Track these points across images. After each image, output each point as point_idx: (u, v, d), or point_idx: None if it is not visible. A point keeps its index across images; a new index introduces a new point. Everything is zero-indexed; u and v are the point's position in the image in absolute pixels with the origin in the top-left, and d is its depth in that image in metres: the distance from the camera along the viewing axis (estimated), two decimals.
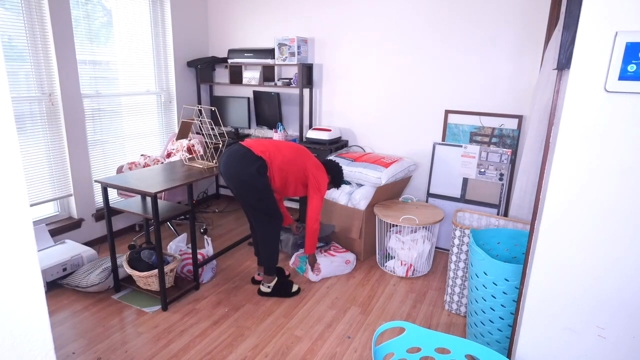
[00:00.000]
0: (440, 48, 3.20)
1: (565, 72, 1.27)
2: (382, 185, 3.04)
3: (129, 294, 2.62)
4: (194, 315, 2.41)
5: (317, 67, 3.73)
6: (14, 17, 2.62)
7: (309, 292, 2.69)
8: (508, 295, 1.84)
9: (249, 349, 2.14)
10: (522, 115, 3.03)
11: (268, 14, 3.84)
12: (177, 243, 2.86)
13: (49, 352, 0.79)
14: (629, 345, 1.29)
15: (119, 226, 3.50)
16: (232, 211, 4.16)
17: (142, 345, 2.16)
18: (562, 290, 1.33)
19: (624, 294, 1.26)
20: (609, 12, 1.11)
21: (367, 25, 3.43)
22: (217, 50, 4.20)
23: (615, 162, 1.19)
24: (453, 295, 2.46)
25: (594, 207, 1.24)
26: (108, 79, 3.32)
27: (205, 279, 2.78)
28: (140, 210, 2.46)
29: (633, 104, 1.14)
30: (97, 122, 3.27)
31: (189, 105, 4.09)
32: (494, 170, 3.10)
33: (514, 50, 2.96)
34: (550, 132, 1.32)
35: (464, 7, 3.06)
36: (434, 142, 3.32)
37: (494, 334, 1.96)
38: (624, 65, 1.11)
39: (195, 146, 3.39)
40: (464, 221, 2.53)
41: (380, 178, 2.96)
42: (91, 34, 3.14)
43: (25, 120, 2.79)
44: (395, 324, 1.56)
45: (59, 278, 2.65)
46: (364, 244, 3.10)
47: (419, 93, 3.36)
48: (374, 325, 2.36)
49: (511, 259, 2.17)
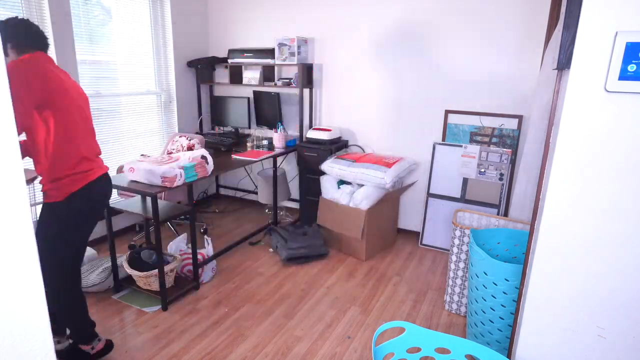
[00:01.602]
0: (441, 48, 3.20)
1: (565, 72, 1.27)
2: (389, 192, 3.05)
3: (129, 294, 2.62)
4: (194, 315, 2.41)
5: (317, 67, 3.73)
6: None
7: (309, 292, 2.69)
8: (508, 295, 1.84)
9: (249, 349, 2.14)
10: (522, 115, 3.03)
11: (268, 14, 3.84)
12: (177, 243, 2.86)
13: (49, 352, 0.79)
14: (629, 345, 1.28)
15: (119, 226, 3.50)
16: (232, 211, 4.16)
17: (142, 345, 2.16)
18: (562, 290, 1.33)
19: (623, 294, 1.26)
20: (609, 12, 1.11)
21: (368, 25, 3.43)
22: (217, 50, 4.20)
23: (615, 162, 1.19)
24: (453, 295, 2.46)
25: (594, 207, 1.24)
26: (108, 79, 3.32)
27: (205, 279, 2.78)
28: (140, 210, 2.46)
29: (633, 104, 1.14)
30: (97, 122, 3.26)
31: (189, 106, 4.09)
32: (494, 170, 3.10)
33: (514, 50, 2.96)
34: (550, 132, 1.32)
35: (464, 7, 3.06)
36: (434, 142, 3.32)
37: (494, 334, 1.96)
38: (624, 65, 1.11)
39: (195, 146, 3.39)
40: (464, 221, 2.53)
41: (384, 178, 2.96)
42: (91, 33, 3.14)
43: None
44: (395, 324, 1.56)
45: None
46: (366, 244, 3.10)
47: (419, 93, 3.36)
48: (374, 325, 2.36)
49: (511, 259, 2.17)
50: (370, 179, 3.02)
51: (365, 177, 3.04)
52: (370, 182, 3.03)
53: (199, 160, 2.54)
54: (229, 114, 4.08)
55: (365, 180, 3.05)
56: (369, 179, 3.02)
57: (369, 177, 3.02)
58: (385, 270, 3.02)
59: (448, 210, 3.31)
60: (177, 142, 3.46)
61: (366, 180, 3.05)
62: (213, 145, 3.63)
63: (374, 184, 3.03)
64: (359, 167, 3.09)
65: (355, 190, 3.12)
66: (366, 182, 3.06)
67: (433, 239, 3.40)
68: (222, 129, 4.26)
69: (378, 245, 3.26)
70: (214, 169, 2.72)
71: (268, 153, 3.30)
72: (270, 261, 3.11)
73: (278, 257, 3.17)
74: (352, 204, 3.08)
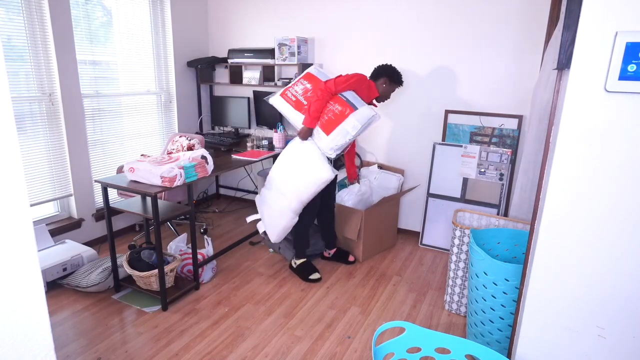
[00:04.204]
0: (441, 48, 3.20)
1: (565, 72, 1.27)
2: (373, 207, 3.04)
3: (129, 294, 2.62)
4: (194, 315, 2.41)
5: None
6: (14, 17, 2.62)
7: (309, 292, 2.69)
8: (508, 295, 1.84)
9: (249, 349, 2.14)
10: (522, 115, 3.03)
11: (268, 14, 3.84)
12: (177, 243, 2.86)
13: (49, 352, 0.79)
14: (629, 345, 1.29)
15: (119, 226, 3.50)
16: (232, 211, 4.16)
17: (142, 345, 2.16)
18: (562, 290, 1.33)
19: (624, 294, 1.26)
20: (609, 12, 1.11)
21: (367, 25, 3.43)
22: (217, 50, 4.20)
23: (615, 162, 1.19)
24: (453, 295, 2.46)
25: (594, 207, 1.24)
26: (108, 79, 3.32)
27: (205, 279, 2.78)
28: (140, 210, 2.46)
29: (633, 104, 1.14)
30: (97, 122, 3.27)
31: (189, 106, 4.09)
32: (494, 170, 3.10)
33: (514, 50, 2.96)
34: (550, 132, 1.32)
35: (464, 7, 3.06)
36: (434, 142, 3.32)
37: (494, 334, 1.96)
38: (624, 65, 1.11)
39: (195, 146, 3.39)
40: (464, 221, 2.53)
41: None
42: (91, 34, 3.14)
43: (26, 120, 2.79)
44: (395, 324, 1.56)
45: (59, 278, 2.65)
46: (363, 245, 3.09)
47: (419, 93, 3.36)
48: (374, 325, 2.36)
49: (511, 259, 2.17)
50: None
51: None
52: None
53: (199, 160, 2.54)
54: (229, 114, 4.08)
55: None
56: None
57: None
58: (385, 270, 3.02)
59: (448, 210, 3.31)
60: (177, 142, 3.46)
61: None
62: (213, 145, 3.63)
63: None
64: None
65: (361, 191, 3.11)
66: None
67: (433, 239, 3.40)
68: (222, 129, 4.26)
69: (376, 246, 3.26)
70: (214, 169, 2.72)
71: (268, 153, 3.30)
72: (270, 261, 3.11)
73: (278, 257, 3.17)
74: (350, 203, 3.08)
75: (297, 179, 2.57)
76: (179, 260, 2.62)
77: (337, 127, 2.51)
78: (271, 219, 2.69)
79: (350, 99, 2.57)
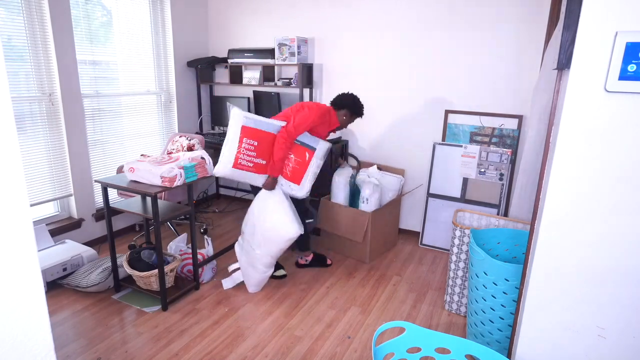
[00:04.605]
0: (441, 48, 3.20)
1: (565, 72, 1.27)
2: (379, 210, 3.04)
3: (129, 294, 2.62)
4: (194, 315, 2.41)
5: (317, 67, 3.73)
6: (14, 17, 2.62)
7: (309, 292, 2.69)
8: (508, 295, 1.84)
9: (249, 349, 2.14)
10: (522, 115, 3.03)
11: (268, 14, 3.84)
12: (177, 243, 2.86)
13: (49, 352, 0.79)
14: (629, 345, 1.28)
15: (119, 226, 3.50)
16: (232, 211, 4.16)
17: (142, 345, 2.16)
18: (562, 290, 1.33)
19: (624, 294, 1.26)
20: (609, 12, 1.11)
21: (367, 25, 3.43)
22: (217, 50, 4.20)
23: (615, 162, 1.19)
24: (453, 295, 2.46)
25: (594, 207, 1.24)
26: (108, 79, 3.32)
27: (205, 279, 2.78)
28: (140, 210, 2.46)
29: (633, 104, 1.14)
30: (97, 122, 3.27)
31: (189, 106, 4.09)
32: (494, 170, 3.10)
33: (514, 50, 2.96)
34: (550, 132, 1.32)
35: (464, 7, 3.06)
36: (434, 142, 3.32)
37: (494, 334, 1.96)
38: (624, 65, 1.11)
39: (195, 146, 3.39)
40: (464, 221, 2.53)
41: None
42: (91, 34, 3.14)
43: (26, 120, 2.79)
44: (395, 324, 1.56)
45: (59, 278, 2.65)
46: (369, 247, 3.08)
47: (419, 93, 3.36)
48: (374, 325, 2.36)
49: (511, 259, 2.17)
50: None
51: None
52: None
53: (199, 160, 2.54)
54: (229, 114, 4.07)
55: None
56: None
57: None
58: (385, 270, 3.02)
59: (448, 210, 3.31)
60: (177, 142, 3.46)
61: None
62: (213, 145, 3.63)
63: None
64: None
65: (369, 196, 3.06)
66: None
67: (433, 239, 3.40)
68: (222, 129, 4.26)
69: (381, 247, 3.25)
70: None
71: None
72: None
73: None
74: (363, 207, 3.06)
75: (266, 234, 2.54)
76: (179, 260, 2.62)
77: (305, 174, 2.64)
78: (247, 269, 2.64)
79: (306, 141, 2.66)
